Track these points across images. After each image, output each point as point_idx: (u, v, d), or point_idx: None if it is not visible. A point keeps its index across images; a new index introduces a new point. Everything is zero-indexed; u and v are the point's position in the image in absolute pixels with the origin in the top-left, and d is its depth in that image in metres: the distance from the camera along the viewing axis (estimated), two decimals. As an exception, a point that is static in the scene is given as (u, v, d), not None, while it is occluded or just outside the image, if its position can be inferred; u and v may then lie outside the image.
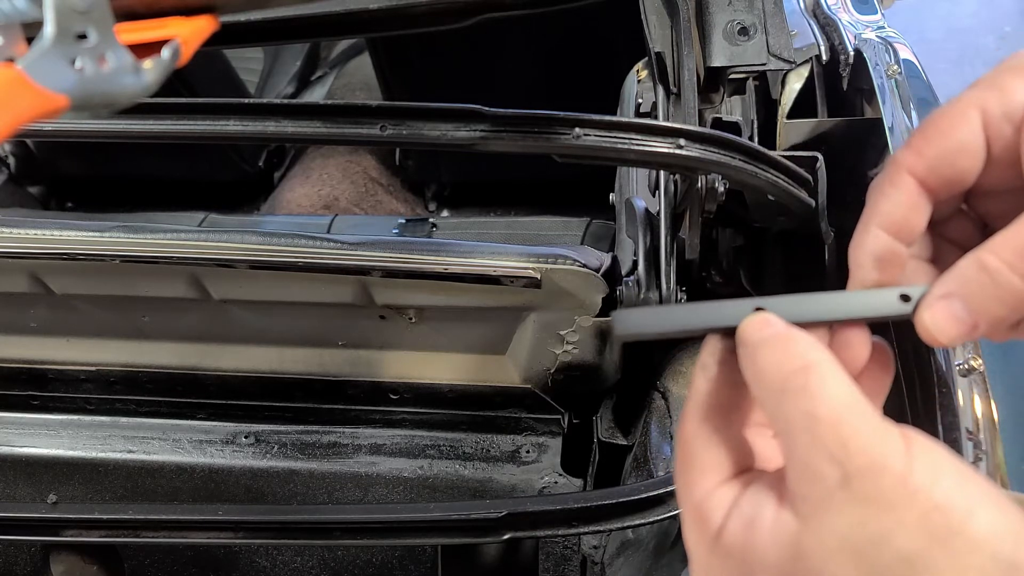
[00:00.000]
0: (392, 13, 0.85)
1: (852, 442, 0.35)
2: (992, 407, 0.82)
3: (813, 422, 0.36)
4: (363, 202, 2.03)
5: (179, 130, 0.84)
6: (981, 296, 0.39)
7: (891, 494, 0.35)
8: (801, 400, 0.37)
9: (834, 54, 1.25)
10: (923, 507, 0.34)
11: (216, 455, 1.28)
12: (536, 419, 1.25)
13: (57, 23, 0.39)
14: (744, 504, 0.39)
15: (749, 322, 0.40)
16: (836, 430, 0.36)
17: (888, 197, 0.41)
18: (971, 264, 0.39)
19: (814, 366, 0.37)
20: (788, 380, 0.37)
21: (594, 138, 0.80)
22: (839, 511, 0.35)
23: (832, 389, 0.37)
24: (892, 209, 0.41)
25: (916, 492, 0.35)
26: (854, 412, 0.36)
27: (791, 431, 0.37)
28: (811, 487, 0.36)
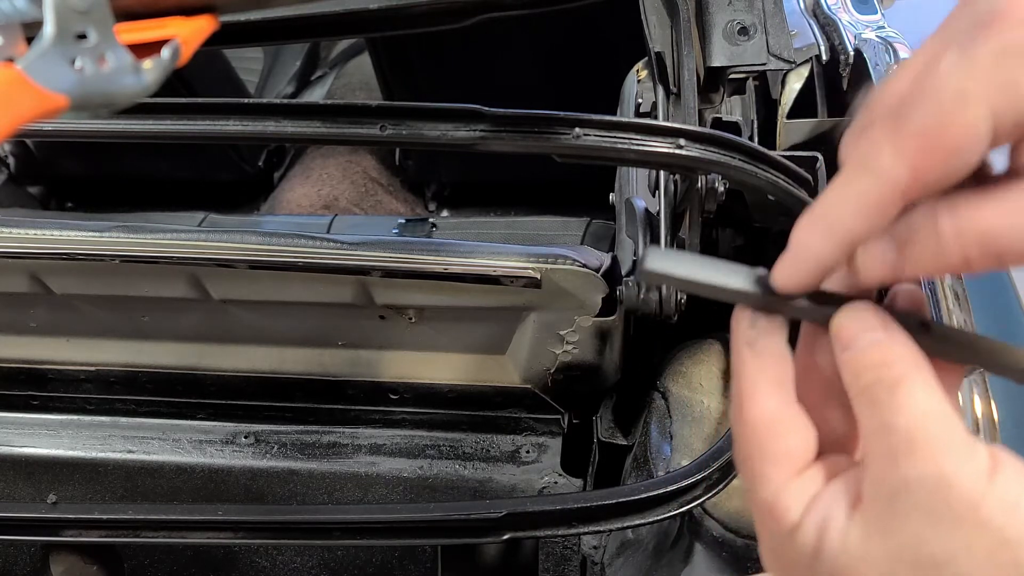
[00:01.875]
0: (392, 13, 0.85)
1: (920, 449, 0.34)
2: (992, 407, 0.82)
3: (888, 429, 0.35)
4: (363, 202, 2.04)
5: (179, 130, 0.84)
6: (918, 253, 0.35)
7: (959, 512, 0.33)
8: (883, 408, 0.35)
9: (834, 54, 1.26)
10: (995, 537, 0.32)
11: (216, 455, 1.28)
12: (536, 419, 1.25)
13: (57, 23, 0.39)
14: (821, 503, 0.37)
15: (846, 321, 0.37)
16: (907, 435, 0.34)
17: (865, 218, 0.35)
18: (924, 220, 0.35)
19: (904, 379, 0.35)
20: (877, 390, 0.36)
21: (594, 138, 0.80)
22: (903, 521, 0.34)
23: (916, 402, 0.35)
24: (865, 229, 0.35)
25: (989, 517, 0.32)
26: (932, 423, 0.34)
27: (870, 433, 0.36)
28: (879, 491, 0.35)
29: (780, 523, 0.38)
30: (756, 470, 0.39)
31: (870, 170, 0.34)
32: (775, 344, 0.39)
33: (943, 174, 0.33)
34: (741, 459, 0.40)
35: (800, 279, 0.37)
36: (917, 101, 0.33)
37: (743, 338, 0.39)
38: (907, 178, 0.33)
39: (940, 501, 0.33)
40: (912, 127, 0.33)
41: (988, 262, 0.34)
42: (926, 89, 0.33)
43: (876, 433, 0.35)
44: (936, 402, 0.35)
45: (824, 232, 0.36)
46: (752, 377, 0.39)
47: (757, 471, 0.38)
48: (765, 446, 0.38)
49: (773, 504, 0.38)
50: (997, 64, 0.32)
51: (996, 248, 0.33)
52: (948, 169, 0.33)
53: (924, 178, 0.33)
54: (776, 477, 0.38)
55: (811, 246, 0.37)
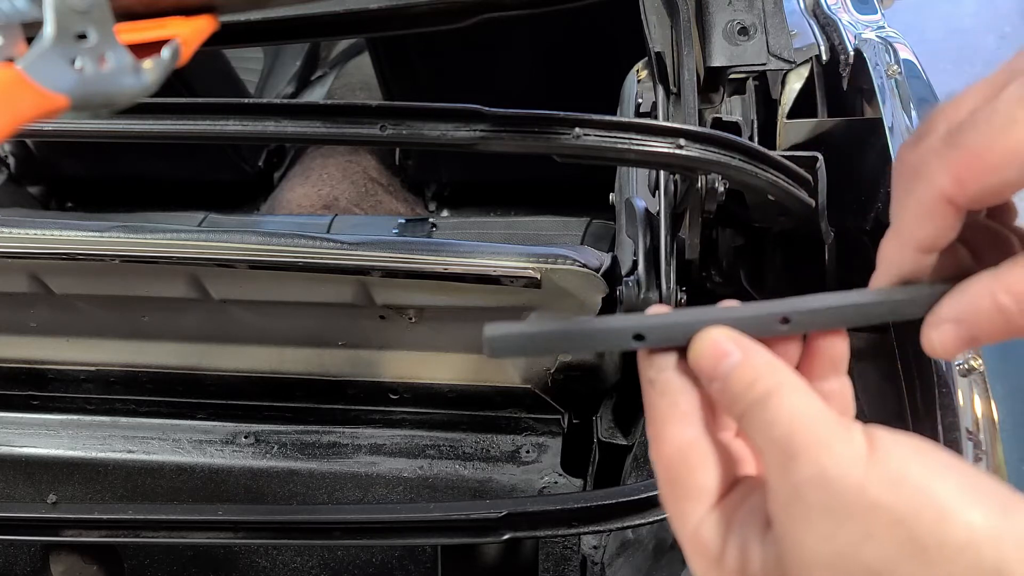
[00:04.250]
0: (392, 13, 0.85)
1: (802, 452, 0.35)
2: (992, 407, 0.82)
3: (769, 440, 0.37)
4: (363, 202, 2.03)
5: (179, 130, 0.84)
6: (989, 329, 0.39)
7: (848, 502, 0.34)
8: (760, 420, 0.37)
9: (834, 54, 1.26)
10: (887, 518, 0.33)
11: (216, 455, 1.28)
12: (536, 419, 1.25)
13: (57, 23, 0.39)
14: (736, 529, 0.38)
15: (702, 350, 0.40)
16: (787, 443, 0.36)
17: (925, 225, 0.39)
18: (984, 299, 0.39)
19: (774, 391, 0.37)
20: (751, 406, 0.38)
21: (594, 138, 0.80)
22: (806, 526, 0.35)
23: (788, 408, 0.37)
24: (931, 236, 0.40)
25: (876, 500, 0.33)
26: (806, 425, 0.36)
27: (758, 450, 0.37)
28: (778, 507, 0.36)
29: (705, 555, 0.39)
30: (676, 507, 0.40)
31: (922, 180, 0.39)
32: (675, 379, 0.41)
33: (984, 188, 0.37)
34: (663, 497, 0.41)
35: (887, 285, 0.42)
36: (972, 123, 0.37)
37: (644, 377, 0.41)
38: (951, 187, 0.38)
39: (829, 497, 0.34)
40: (961, 143, 0.37)
41: None
42: (982, 113, 0.37)
43: (764, 451, 0.37)
44: (803, 403, 0.37)
45: (896, 242, 0.41)
46: (660, 415, 0.41)
47: (679, 510, 0.40)
48: (679, 482, 0.40)
49: (695, 538, 0.39)
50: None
51: None
52: (989, 183, 0.37)
53: (967, 189, 0.37)
54: (694, 512, 0.39)
55: (890, 257, 0.42)
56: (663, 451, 0.40)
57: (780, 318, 0.41)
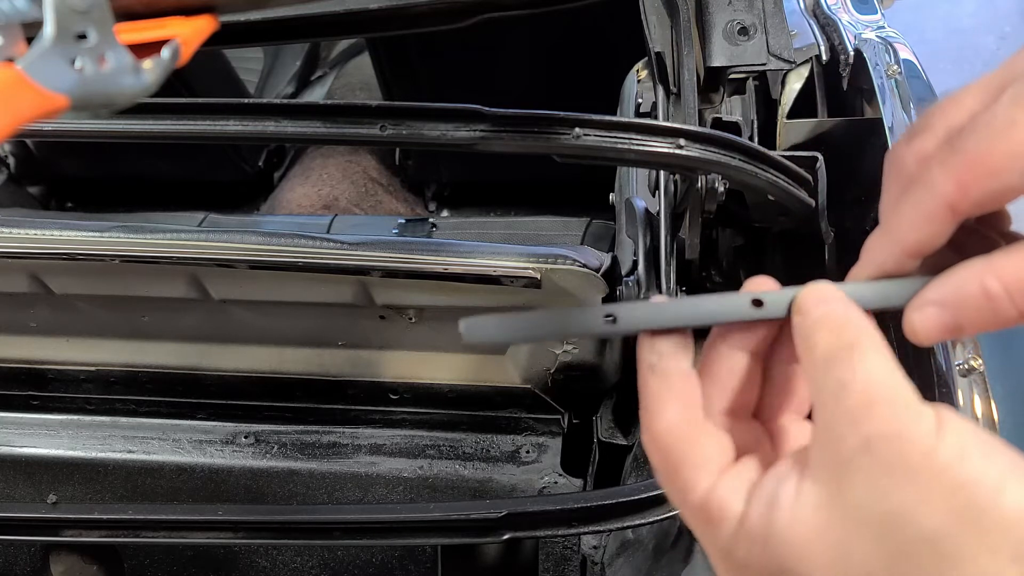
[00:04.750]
0: (392, 13, 0.85)
1: (879, 409, 0.35)
2: (992, 407, 0.82)
3: (844, 390, 0.36)
4: (363, 202, 2.03)
5: (179, 130, 0.84)
6: (975, 315, 0.39)
7: (915, 465, 0.34)
8: (838, 371, 0.36)
9: (834, 54, 1.25)
10: (949, 483, 0.33)
11: (216, 455, 1.28)
12: (536, 419, 1.25)
13: (57, 23, 0.39)
14: (765, 487, 0.38)
15: (810, 293, 0.40)
16: (865, 396, 0.35)
17: (920, 230, 0.39)
18: (972, 283, 0.38)
19: (859, 344, 0.37)
20: (834, 353, 0.37)
21: (594, 138, 0.80)
22: (861, 478, 0.34)
23: (871, 364, 0.36)
24: (924, 241, 0.39)
25: (943, 467, 0.34)
26: (887, 385, 0.36)
27: (824, 401, 0.37)
28: (833, 453, 0.35)
29: (723, 519, 0.38)
30: (681, 480, 0.39)
31: (923, 185, 0.39)
32: (677, 365, 0.41)
33: (987, 192, 0.37)
34: (663, 477, 0.40)
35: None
36: (972, 127, 0.37)
37: (645, 363, 0.41)
38: (953, 193, 0.37)
39: (897, 456, 0.34)
40: (962, 147, 0.37)
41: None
42: (981, 119, 0.37)
43: (832, 395, 0.36)
44: (889, 367, 0.36)
45: (886, 242, 0.41)
46: (656, 396, 0.40)
47: (682, 480, 0.39)
48: (684, 455, 0.39)
49: (707, 504, 0.38)
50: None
51: None
52: (991, 188, 0.37)
53: (969, 194, 0.37)
54: (703, 479, 0.39)
55: (875, 256, 0.41)
56: (660, 427, 0.40)
57: (752, 300, 0.41)
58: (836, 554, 0.35)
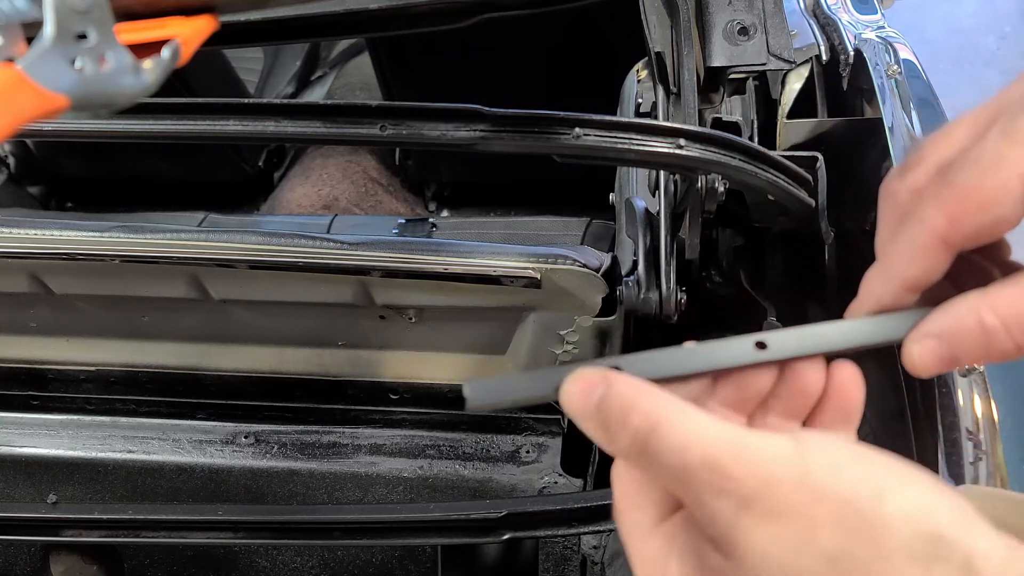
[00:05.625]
0: (392, 13, 0.85)
1: (733, 469, 0.35)
2: (992, 407, 0.82)
3: (687, 470, 0.36)
4: (363, 202, 2.03)
5: (179, 130, 0.84)
6: (972, 349, 0.39)
7: (794, 500, 0.34)
8: (667, 457, 0.36)
9: (834, 54, 1.26)
10: (830, 505, 0.34)
11: (216, 455, 1.28)
12: (536, 419, 1.25)
13: (57, 23, 0.39)
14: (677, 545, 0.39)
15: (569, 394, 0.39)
16: (712, 466, 0.35)
17: (916, 265, 0.40)
18: (970, 316, 0.39)
19: (661, 421, 0.36)
20: (646, 447, 0.37)
21: (594, 138, 0.80)
22: (751, 536, 0.35)
23: (690, 434, 0.36)
24: (920, 275, 0.40)
25: (820, 491, 0.34)
26: (723, 444, 0.36)
27: (678, 487, 0.37)
28: (717, 525, 0.35)
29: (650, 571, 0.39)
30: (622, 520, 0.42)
31: (916, 219, 0.39)
32: None
33: (978, 225, 0.38)
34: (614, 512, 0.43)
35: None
36: (962, 161, 0.38)
37: None
38: (945, 227, 0.38)
39: (773, 501, 0.34)
40: (953, 182, 0.38)
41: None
42: (971, 153, 0.38)
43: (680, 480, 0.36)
44: (705, 422, 0.36)
45: (884, 277, 0.41)
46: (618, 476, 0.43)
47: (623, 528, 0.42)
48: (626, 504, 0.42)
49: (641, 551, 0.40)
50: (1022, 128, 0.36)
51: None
52: (982, 221, 0.38)
53: (960, 227, 0.38)
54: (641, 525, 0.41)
55: (873, 291, 0.42)
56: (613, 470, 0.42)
57: (756, 343, 0.40)
58: None
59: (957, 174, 0.38)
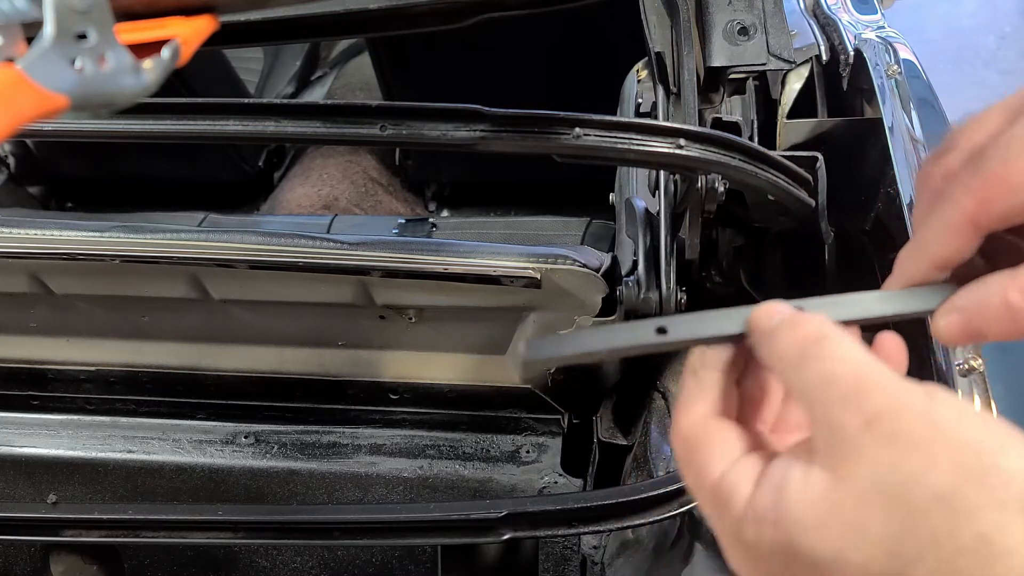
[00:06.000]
0: (392, 13, 0.85)
1: (871, 388, 0.37)
2: (992, 407, 0.82)
3: (831, 379, 0.38)
4: (363, 202, 2.03)
5: (179, 130, 0.84)
6: (996, 324, 0.42)
7: (917, 433, 0.36)
8: (818, 363, 0.38)
9: (834, 54, 1.25)
10: (952, 446, 0.35)
11: (216, 455, 1.28)
12: (536, 419, 1.25)
13: (57, 23, 0.39)
14: (772, 471, 0.39)
15: (758, 312, 0.42)
16: (855, 380, 0.37)
17: (946, 244, 0.43)
18: (996, 295, 0.41)
19: (828, 335, 0.39)
20: (805, 350, 0.39)
21: (594, 138, 0.80)
22: (867, 456, 0.36)
23: (847, 351, 0.38)
24: (950, 254, 0.43)
25: (943, 431, 0.35)
26: (871, 367, 0.38)
27: (812, 395, 0.38)
28: (836, 438, 0.37)
29: (732, 501, 0.40)
30: (698, 465, 0.42)
31: (947, 201, 0.42)
32: (713, 374, 0.44)
33: (1006, 208, 0.41)
34: (683, 464, 0.43)
35: None
36: (992, 147, 0.41)
37: (689, 368, 0.45)
38: (974, 209, 0.41)
39: (898, 428, 0.36)
40: (984, 166, 0.41)
41: None
42: (1001, 140, 0.41)
43: (819, 389, 0.38)
44: (862, 351, 0.39)
45: (915, 256, 0.44)
46: (689, 395, 0.44)
47: (697, 468, 0.42)
48: (703, 443, 0.42)
49: (719, 487, 0.41)
50: None
51: None
52: (1010, 204, 0.41)
53: (989, 210, 0.41)
54: (717, 464, 0.41)
55: (906, 268, 0.45)
56: (686, 421, 0.43)
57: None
58: (851, 528, 0.36)
59: (988, 159, 0.41)
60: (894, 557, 0.35)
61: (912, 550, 0.35)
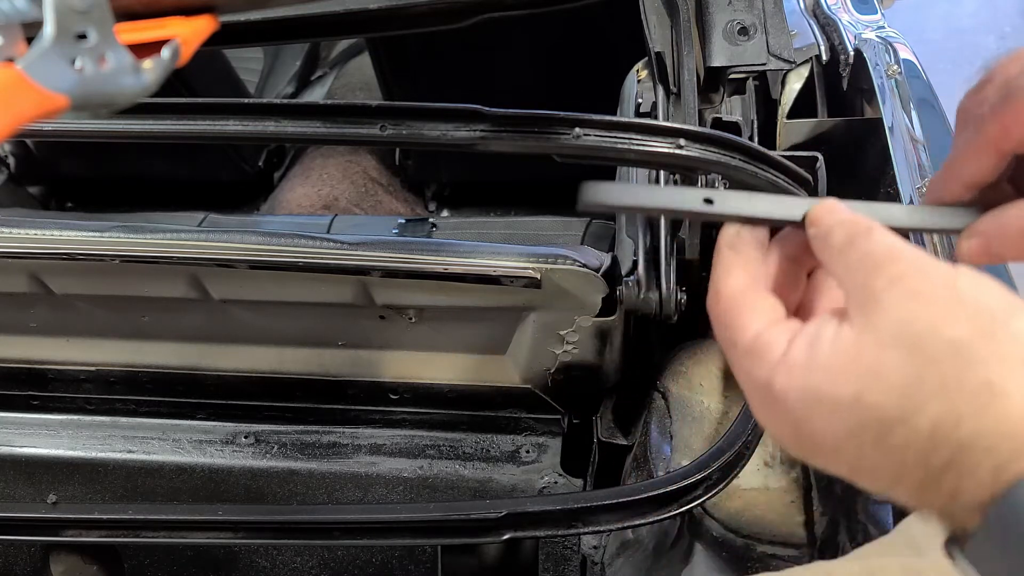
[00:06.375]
0: (392, 13, 0.85)
1: (901, 258, 0.42)
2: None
3: (869, 255, 0.43)
4: (363, 202, 2.03)
5: (179, 130, 0.84)
6: (1015, 248, 0.48)
7: (939, 291, 0.40)
8: (863, 245, 0.43)
9: (834, 54, 1.26)
10: (969, 306, 0.40)
11: (216, 455, 1.28)
12: (536, 419, 1.25)
13: (57, 23, 0.39)
14: (807, 329, 0.44)
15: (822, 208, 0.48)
16: (888, 252, 0.42)
17: (971, 165, 0.49)
18: (1015, 221, 0.47)
19: (875, 228, 0.44)
20: (854, 238, 0.44)
21: (594, 138, 0.80)
22: (891, 308, 0.41)
23: (887, 236, 0.44)
24: (975, 175, 0.49)
25: (962, 293, 0.40)
26: (905, 245, 0.43)
27: (850, 268, 0.43)
28: (865, 296, 0.42)
29: (768, 353, 0.44)
30: (735, 326, 0.46)
31: (975, 126, 0.48)
32: (751, 249, 0.49)
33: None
34: (721, 328, 0.48)
35: None
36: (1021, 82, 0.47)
37: (726, 241, 0.49)
38: (998, 133, 0.47)
39: (922, 285, 0.41)
40: (1011, 96, 0.47)
41: None
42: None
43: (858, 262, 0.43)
44: (903, 241, 0.43)
45: (945, 176, 0.50)
46: (728, 265, 0.49)
47: (736, 327, 0.46)
48: (743, 306, 0.47)
49: (756, 342, 0.45)
50: None
51: None
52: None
53: (1011, 135, 0.47)
54: (755, 323, 0.46)
55: (936, 188, 0.51)
56: (728, 287, 0.48)
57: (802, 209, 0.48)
58: (871, 372, 0.40)
59: (1016, 91, 0.46)
60: (906, 398, 0.39)
61: (923, 393, 0.39)
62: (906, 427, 0.39)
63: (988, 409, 0.38)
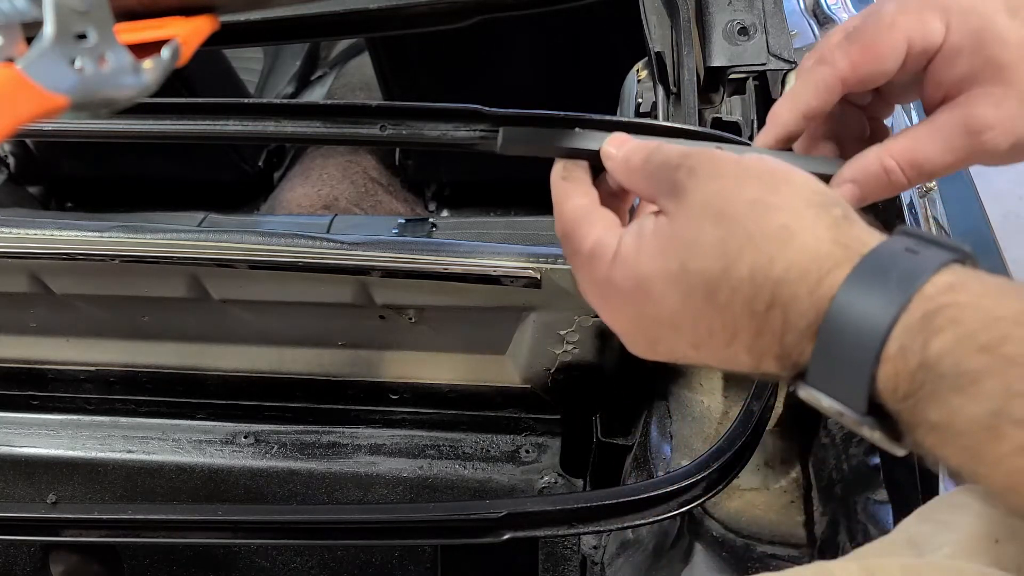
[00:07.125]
0: (392, 13, 0.85)
1: (693, 153, 0.51)
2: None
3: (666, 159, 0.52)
4: (363, 202, 2.03)
5: (179, 130, 0.84)
6: (875, 187, 0.55)
7: (729, 167, 0.49)
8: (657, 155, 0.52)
9: (834, 54, 1.25)
10: (756, 173, 0.49)
11: (216, 455, 1.28)
12: (536, 419, 1.25)
13: (57, 23, 0.39)
14: (631, 227, 0.52)
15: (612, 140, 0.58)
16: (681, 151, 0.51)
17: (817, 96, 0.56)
18: (875, 163, 0.55)
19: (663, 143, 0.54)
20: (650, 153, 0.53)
21: (594, 138, 0.80)
22: (695, 190, 0.49)
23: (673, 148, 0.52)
24: (819, 105, 0.56)
25: (748, 166, 0.49)
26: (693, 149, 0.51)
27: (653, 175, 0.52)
28: (673, 189, 0.50)
29: (604, 254, 0.52)
30: (576, 236, 0.54)
31: (825, 63, 0.56)
32: (581, 176, 0.58)
33: (871, 72, 0.55)
34: (566, 243, 0.55)
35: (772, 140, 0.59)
36: (863, 25, 0.55)
37: (559, 174, 0.59)
38: (847, 69, 0.55)
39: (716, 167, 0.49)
40: (856, 38, 0.55)
41: (921, 179, 0.55)
42: (871, 18, 0.55)
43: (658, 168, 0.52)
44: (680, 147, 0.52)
45: (790, 106, 0.58)
46: (565, 191, 0.57)
47: (577, 237, 0.54)
48: (582, 220, 0.54)
49: (594, 248, 0.52)
50: (919, 10, 0.53)
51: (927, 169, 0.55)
52: (874, 70, 0.55)
53: (858, 72, 0.55)
54: (593, 232, 0.53)
55: (780, 116, 0.58)
56: (569, 205, 0.55)
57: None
58: (689, 243, 0.48)
59: (861, 33, 0.54)
60: (723, 255, 0.46)
61: (735, 247, 0.46)
62: (729, 279, 0.46)
63: (790, 244, 0.45)
